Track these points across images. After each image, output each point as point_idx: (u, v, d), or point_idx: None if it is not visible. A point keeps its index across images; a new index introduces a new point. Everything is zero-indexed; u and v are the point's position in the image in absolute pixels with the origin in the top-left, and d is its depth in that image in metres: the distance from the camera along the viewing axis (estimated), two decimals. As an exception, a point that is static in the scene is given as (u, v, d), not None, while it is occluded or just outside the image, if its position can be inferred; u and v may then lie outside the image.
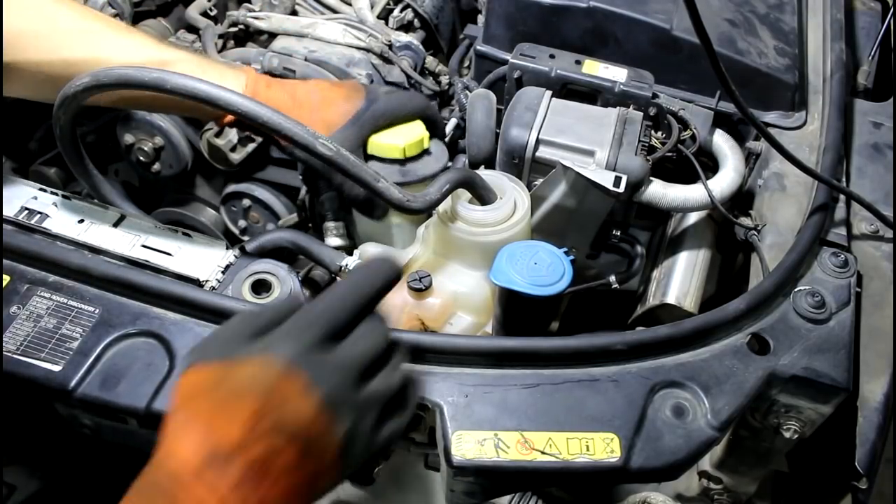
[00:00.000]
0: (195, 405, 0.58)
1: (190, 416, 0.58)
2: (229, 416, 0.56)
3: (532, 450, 0.76)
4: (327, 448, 0.59)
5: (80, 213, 1.00)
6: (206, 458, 0.56)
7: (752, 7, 1.21)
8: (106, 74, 0.79)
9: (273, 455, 0.57)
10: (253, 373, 0.58)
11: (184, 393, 0.59)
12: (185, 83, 0.78)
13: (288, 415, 0.57)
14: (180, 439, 0.57)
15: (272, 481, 0.57)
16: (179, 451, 0.57)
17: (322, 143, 0.80)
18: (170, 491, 0.55)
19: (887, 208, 1.02)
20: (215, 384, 0.58)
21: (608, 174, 0.93)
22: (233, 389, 0.58)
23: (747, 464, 1.00)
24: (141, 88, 0.80)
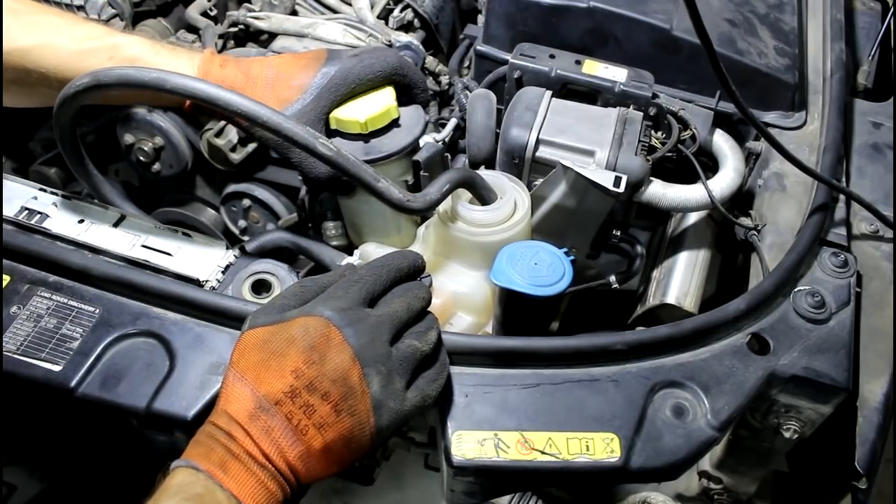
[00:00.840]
0: (246, 361, 0.67)
1: (243, 371, 0.67)
2: (274, 371, 0.66)
3: (532, 450, 0.76)
4: (361, 402, 0.67)
5: (80, 213, 1.00)
6: (255, 407, 0.65)
7: (752, 7, 1.21)
8: (106, 74, 0.79)
9: (310, 408, 0.65)
10: (295, 332, 0.67)
11: (238, 352, 0.69)
12: (184, 83, 0.78)
13: (326, 369, 0.66)
14: (235, 391, 0.67)
15: (311, 433, 0.65)
16: (234, 401, 0.66)
17: (322, 143, 0.80)
18: (227, 433, 0.65)
19: (887, 208, 1.02)
20: (263, 343, 0.68)
21: (608, 174, 0.93)
22: (277, 348, 0.67)
23: (747, 464, 1.00)
24: (141, 88, 0.80)
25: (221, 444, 0.65)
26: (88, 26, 0.95)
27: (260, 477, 0.64)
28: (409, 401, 0.70)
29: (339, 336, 0.67)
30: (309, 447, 0.66)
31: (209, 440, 0.66)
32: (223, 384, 0.69)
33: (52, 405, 0.87)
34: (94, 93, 0.81)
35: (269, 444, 0.65)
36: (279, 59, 0.97)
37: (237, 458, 0.64)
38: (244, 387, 0.67)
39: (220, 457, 0.64)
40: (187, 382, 0.79)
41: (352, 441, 0.67)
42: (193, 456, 0.65)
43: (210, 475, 0.63)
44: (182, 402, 0.78)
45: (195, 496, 0.62)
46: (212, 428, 0.67)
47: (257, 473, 0.64)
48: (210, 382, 0.79)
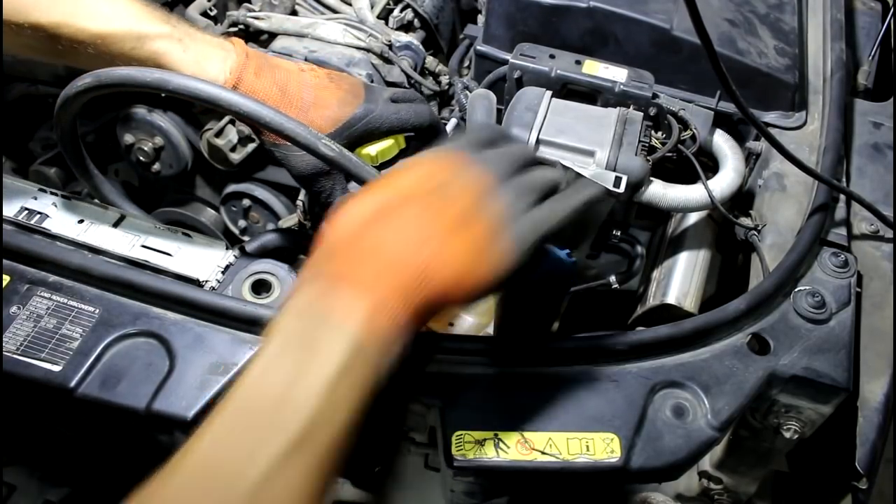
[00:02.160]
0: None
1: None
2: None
3: (532, 450, 0.76)
4: (483, 218, 0.63)
5: (80, 213, 1.00)
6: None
7: (752, 7, 1.21)
8: (108, 75, 0.79)
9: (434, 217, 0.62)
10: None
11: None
12: (186, 84, 0.78)
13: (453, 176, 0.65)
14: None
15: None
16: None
17: (325, 143, 0.80)
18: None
19: (887, 208, 1.02)
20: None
21: (608, 174, 0.93)
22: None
23: (747, 464, 1.00)
24: (143, 89, 0.80)
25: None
26: (116, 2, 0.89)
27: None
28: (540, 220, 0.67)
29: (466, 160, 0.67)
30: (440, 246, 0.61)
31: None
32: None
33: (52, 405, 0.87)
34: (96, 93, 0.81)
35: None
36: (318, 81, 0.95)
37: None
38: (365, 201, 0.64)
39: (337, 271, 0.60)
40: (187, 382, 0.79)
41: (484, 253, 0.62)
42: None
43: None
44: (182, 402, 0.78)
45: (306, 330, 0.57)
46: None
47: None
48: (210, 382, 0.79)
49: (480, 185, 0.65)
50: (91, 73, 0.80)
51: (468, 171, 0.65)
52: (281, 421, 0.53)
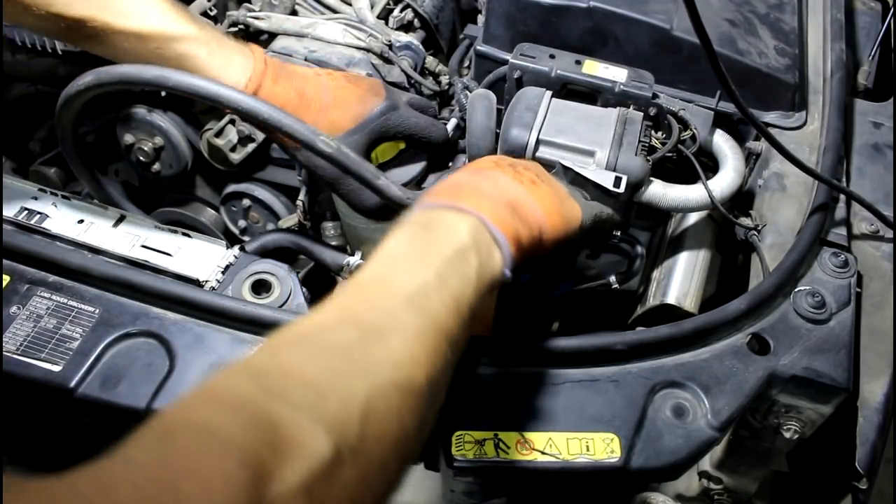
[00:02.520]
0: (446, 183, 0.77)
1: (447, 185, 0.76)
2: (477, 164, 0.81)
3: (532, 450, 0.76)
4: (555, 182, 0.84)
5: (80, 214, 1.00)
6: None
7: (752, 7, 1.21)
8: (108, 73, 0.79)
9: (518, 170, 0.78)
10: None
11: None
12: (185, 81, 0.78)
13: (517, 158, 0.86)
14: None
15: (527, 182, 0.77)
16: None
17: (323, 140, 0.80)
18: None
19: (887, 208, 1.02)
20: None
21: (608, 174, 0.93)
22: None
23: (747, 464, 1.00)
24: (144, 86, 0.80)
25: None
26: (146, 2, 0.90)
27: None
28: (592, 206, 0.85)
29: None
30: (529, 191, 0.75)
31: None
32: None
33: (52, 405, 0.87)
34: (97, 91, 0.81)
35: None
36: (335, 83, 0.98)
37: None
38: (456, 176, 0.76)
39: (449, 192, 0.71)
40: (187, 382, 0.79)
41: (561, 201, 0.79)
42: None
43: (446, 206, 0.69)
44: (182, 402, 0.78)
45: (427, 221, 0.68)
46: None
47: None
48: (210, 382, 0.79)
49: (539, 167, 0.83)
50: (91, 72, 0.80)
51: (527, 162, 0.83)
52: (411, 271, 0.62)
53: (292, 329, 0.56)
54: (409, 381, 0.54)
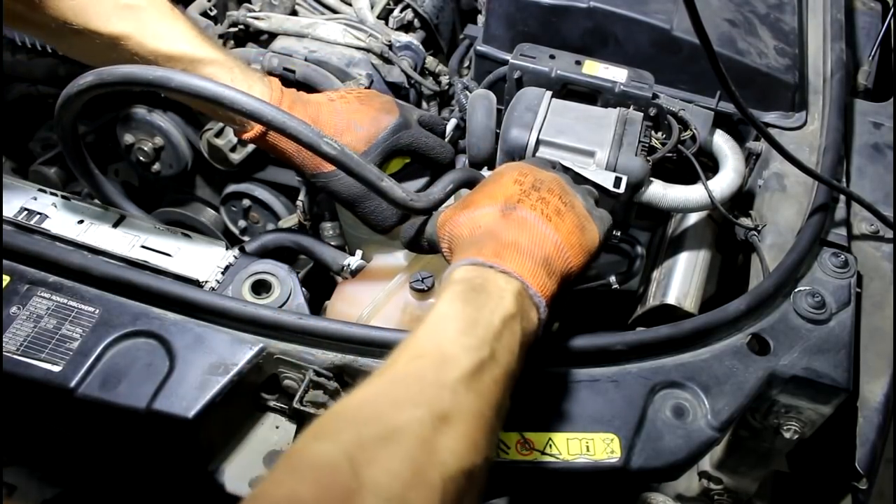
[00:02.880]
0: (470, 198, 0.81)
1: (474, 203, 0.79)
2: (500, 187, 0.79)
3: (532, 450, 0.76)
4: (576, 201, 0.81)
5: (80, 214, 1.00)
6: (503, 209, 0.77)
7: (752, 7, 1.21)
8: (110, 73, 0.79)
9: (544, 201, 0.77)
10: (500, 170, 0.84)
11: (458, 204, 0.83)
12: (188, 82, 0.78)
13: (539, 174, 0.81)
14: (479, 214, 0.77)
15: (554, 220, 0.76)
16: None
17: (326, 142, 0.79)
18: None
19: (887, 208, 1.02)
20: (478, 187, 0.83)
21: (608, 175, 0.93)
22: (490, 181, 0.83)
23: (747, 464, 1.00)
24: (146, 87, 0.80)
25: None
26: (178, 26, 0.94)
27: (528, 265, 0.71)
28: (604, 218, 0.83)
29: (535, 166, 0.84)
30: (556, 229, 0.75)
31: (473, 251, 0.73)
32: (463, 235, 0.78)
33: (52, 405, 0.87)
34: (98, 91, 0.81)
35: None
36: (348, 106, 1.00)
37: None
38: (485, 207, 0.77)
39: (492, 250, 0.71)
40: (187, 382, 0.79)
41: (584, 232, 0.78)
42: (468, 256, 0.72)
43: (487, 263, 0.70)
44: (182, 402, 0.78)
45: (477, 283, 0.68)
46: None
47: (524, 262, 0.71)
48: (210, 382, 0.79)
49: (561, 183, 0.81)
50: (93, 72, 0.80)
51: (546, 174, 0.81)
52: (468, 344, 0.63)
53: (361, 403, 0.58)
54: (472, 467, 0.58)
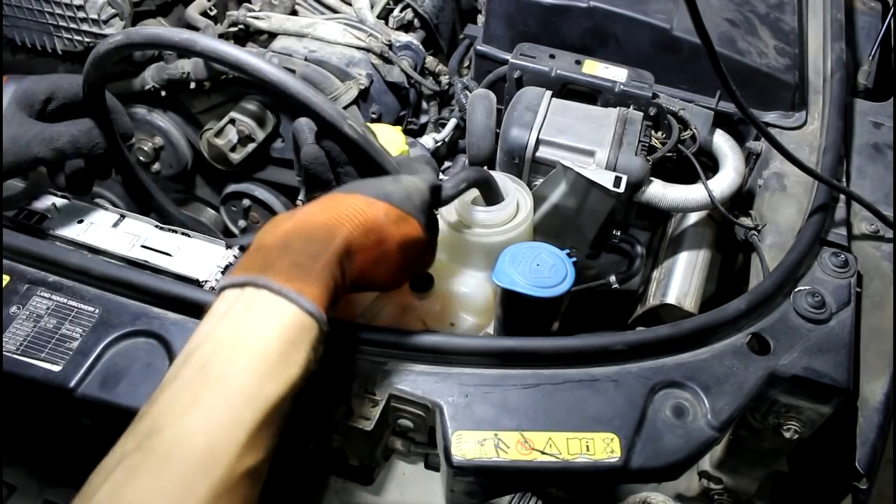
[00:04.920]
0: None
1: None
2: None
3: (532, 450, 0.76)
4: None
5: (80, 214, 1.00)
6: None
7: (753, 7, 1.21)
8: (137, 34, 0.76)
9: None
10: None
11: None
12: (214, 46, 0.74)
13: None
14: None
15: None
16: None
17: (350, 124, 0.77)
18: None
19: (887, 208, 1.02)
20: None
21: (608, 174, 0.93)
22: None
23: (747, 464, 1.00)
24: (170, 49, 0.78)
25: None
26: None
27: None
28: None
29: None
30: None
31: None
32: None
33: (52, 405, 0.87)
34: (127, 51, 0.79)
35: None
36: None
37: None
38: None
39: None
40: (187, 382, 0.79)
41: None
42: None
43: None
44: (182, 402, 0.78)
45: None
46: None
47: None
48: (210, 382, 0.79)
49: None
50: (122, 31, 0.78)
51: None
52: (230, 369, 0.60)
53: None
54: None
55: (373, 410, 0.79)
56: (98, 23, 1.23)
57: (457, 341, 0.82)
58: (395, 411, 0.82)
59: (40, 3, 1.22)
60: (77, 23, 1.23)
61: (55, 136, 0.87)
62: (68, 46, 1.27)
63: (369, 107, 1.28)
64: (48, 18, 1.24)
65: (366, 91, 1.26)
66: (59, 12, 1.22)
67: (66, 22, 1.23)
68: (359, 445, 0.84)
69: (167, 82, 1.31)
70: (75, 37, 1.26)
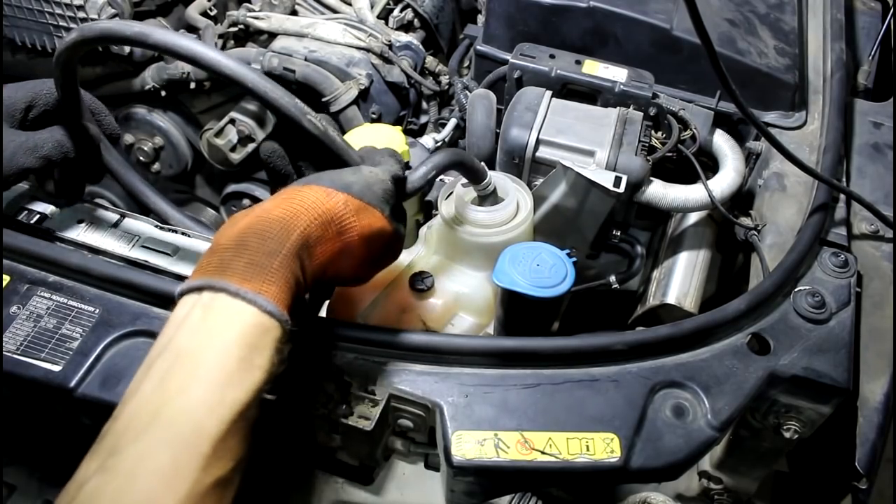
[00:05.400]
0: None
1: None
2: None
3: (532, 450, 0.76)
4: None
5: (80, 213, 1.00)
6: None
7: (753, 7, 1.21)
8: (90, 29, 0.75)
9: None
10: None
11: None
12: (167, 38, 0.72)
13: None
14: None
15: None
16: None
17: (310, 119, 0.75)
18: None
19: (887, 208, 1.02)
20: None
21: (608, 174, 0.93)
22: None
23: (747, 464, 1.00)
24: (124, 43, 0.76)
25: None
26: None
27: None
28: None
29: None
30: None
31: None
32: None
33: (52, 405, 0.87)
34: (83, 48, 0.77)
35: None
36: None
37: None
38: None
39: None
40: (187, 382, 0.79)
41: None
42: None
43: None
44: (182, 402, 0.78)
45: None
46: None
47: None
48: (210, 382, 0.79)
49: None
50: (75, 29, 0.76)
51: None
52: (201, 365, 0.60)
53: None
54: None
55: (373, 410, 0.79)
56: (98, 23, 1.23)
57: (457, 341, 0.82)
58: (395, 411, 0.82)
59: (40, 3, 1.22)
60: (77, 23, 1.23)
61: (39, 143, 0.85)
62: (68, 46, 1.27)
63: (369, 107, 1.28)
64: (48, 18, 1.24)
65: (366, 91, 1.26)
66: (59, 12, 1.22)
67: (66, 22, 1.24)
68: (359, 445, 0.84)
69: (167, 82, 1.31)
70: (75, 37, 1.25)
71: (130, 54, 1.30)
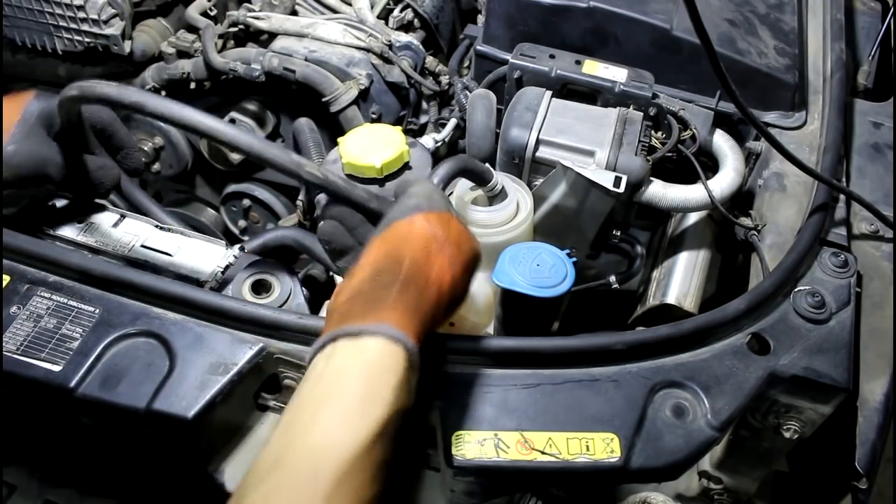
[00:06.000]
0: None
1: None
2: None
3: (532, 450, 0.76)
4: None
5: (80, 214, 1.00)
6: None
7: (752, 7, 1.21)
8: (91, 90, 0.77)
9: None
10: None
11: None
12: (164, 106, 0.75)
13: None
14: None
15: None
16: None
17: (308, 170, 0.76)
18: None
19: (887, 208, 1.02)
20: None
21: (608, 174, 0.93)
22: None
23: (747, 464, 1.00)
24: (122, 108, 0.78)
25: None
26: None
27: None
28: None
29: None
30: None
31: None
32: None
33: (52, 405, 0.87)
34: (81, 103, 0.81)
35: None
36: None
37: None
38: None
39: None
40: (187, 382, 0.79)
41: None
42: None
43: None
44: (182, 402, 0.78)
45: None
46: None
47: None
48: (210, 382, 0.79)
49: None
50: (76, 85, 0.78)
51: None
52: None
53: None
54: None
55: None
56: (98, 23, 1.24)
57: (457, 341, 0.82)
58: (395, 411, 0.82)
59: (40, 3, 1.22)
60: (77, 23, 1.23)
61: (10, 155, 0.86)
62: (68, 46, 1.27)
63: (369, 107, 1.28)
64: (48, 18, 1.24)
65: (366, 91, 1.26)
66: (60, 12, 1.23)
67: (67, 22, 1.24)
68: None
69: (167, 82, 1.31)
70: (75, 37, 1.26)
71: (130, 54, 1.30)
